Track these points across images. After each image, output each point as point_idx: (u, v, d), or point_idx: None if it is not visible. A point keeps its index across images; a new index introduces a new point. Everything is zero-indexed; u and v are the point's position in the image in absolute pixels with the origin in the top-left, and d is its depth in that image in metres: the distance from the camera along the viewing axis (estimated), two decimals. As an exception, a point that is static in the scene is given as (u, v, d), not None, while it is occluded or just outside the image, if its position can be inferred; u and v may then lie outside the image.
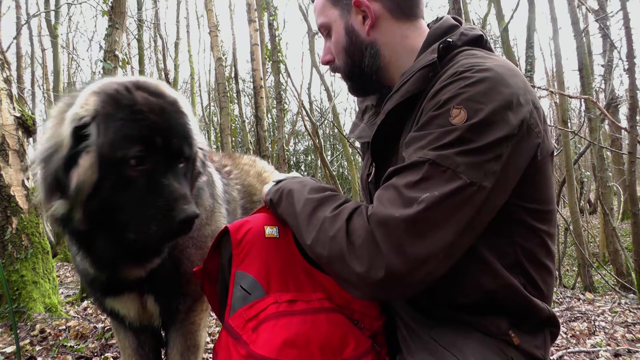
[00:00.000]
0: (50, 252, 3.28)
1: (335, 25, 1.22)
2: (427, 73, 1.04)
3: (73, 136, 1.13)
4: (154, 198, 1.13)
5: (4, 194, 3.07)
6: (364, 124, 1.33)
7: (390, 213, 0.88)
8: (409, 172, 0.92)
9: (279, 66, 8.78)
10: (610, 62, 8.11)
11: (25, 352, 2.39)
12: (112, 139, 1.11)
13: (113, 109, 1.14)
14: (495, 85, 0.92)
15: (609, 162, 10.76)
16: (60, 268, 7.27)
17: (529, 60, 7.89)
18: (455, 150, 0.89)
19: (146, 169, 1.14)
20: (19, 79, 11.26)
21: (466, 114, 0.90)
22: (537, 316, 1.04)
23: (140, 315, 1.43)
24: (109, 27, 3.96)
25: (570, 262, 10.32)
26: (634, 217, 4.27)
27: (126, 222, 1.15)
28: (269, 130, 9.94)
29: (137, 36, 11.85)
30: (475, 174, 0.88)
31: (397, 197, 0.90)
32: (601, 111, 5.94)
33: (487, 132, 0.89)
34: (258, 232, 1.15)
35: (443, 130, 0.91)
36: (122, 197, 1.14)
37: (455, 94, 0.93)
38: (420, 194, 0.88)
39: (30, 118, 3.34)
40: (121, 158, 1.11)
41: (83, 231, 1.20)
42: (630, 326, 3.13)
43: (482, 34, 1.13)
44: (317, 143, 8.05)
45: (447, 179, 0.88)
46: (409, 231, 0.87)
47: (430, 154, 0.90)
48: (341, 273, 0.95)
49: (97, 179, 1.12)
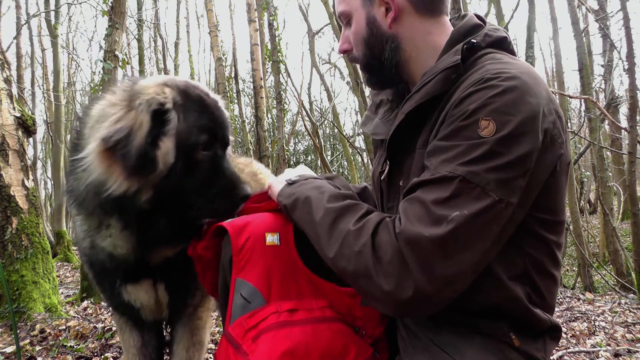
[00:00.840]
0: (50, 252, 3.28)
1: (356, 15, 1.18)
2: (449, 75, 1.02)
3: (153, 119, 1.22)
4: (218, 179, 1.30)
5: (4, 194, 3.07)
6: (379, 120, 1.30)
7: (419, 232, 0.87)
8: (437, 188, 0.90)
9: (279, 66, 8.78)
10: (610, 62, 8.11)
11: (25, 352, 2.39)
12: (189, 127, 1.26)
13: (187, 100, 1.30)
14: (523, 95, 0.90)
15: (609, 162, 10.76)
16: (60, 268, 7.28)
17: (529, 60, 7.88)
18: (485, 166, 0.87)
19: (210, 155, 1.31)
20: (19, 79, 11.25)
21: (495, 126, 0.88)
22: (538, 327, 1.04)
23: (153, 304, 1.48)
24: (109, 27, 3.96)
25: (570, 262, 10.31)
26: (634, 217, 4.27)
27: (192, 201, 1.28)
28: (269, 130, 9.93)
29: (137, 36, 11.86)
30: (503, 191, 0.87)
31: (426, 214, 0.88)
32: (601, 111, 5.94)
33: (516, 146, 0.88)
34: (258, 239, 1.13)
35: (472, 143, 0.90)
36: (190, 178, 1.27)
37: (483, 104, 0.91)
38: (449, 212, 0.86)
39: (30, 118, 3.34)
40: (193, 143, 1.26)
41: (144, 210, 1.27)
42: (630, 326, 3.13)
43: (506, 36, 1.11)
44: (317, 143, 8.05)
45: (476, 196, 0.87)
46: (438, 251, 0.86)
47: (460, 169, 0.89)
48: (367, 289, 0.94)
49: (173, 161, 1.24)
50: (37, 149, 15.20)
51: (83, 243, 1.44)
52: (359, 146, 13.76)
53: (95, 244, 1.39)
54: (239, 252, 1.12)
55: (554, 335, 1.08)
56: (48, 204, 17.42)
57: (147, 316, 1.50)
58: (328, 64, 16.25)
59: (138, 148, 1.19)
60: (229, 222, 1.19)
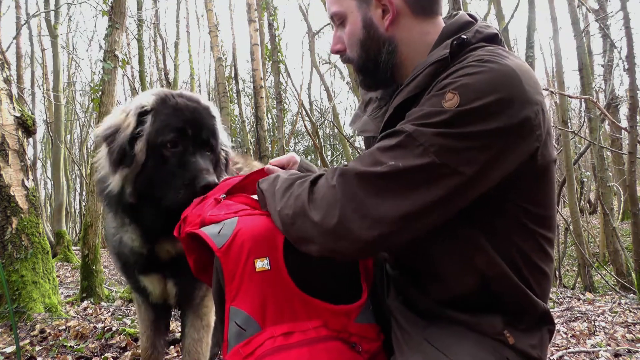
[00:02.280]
0: (50, 252, 3.28)
1: (351, 17, 1.16)
2: (437, 68, 1.02)
3: (136, 120, 1.50)
4: (183, 172, 1.47)
5: (4, 194, 3.06)
6: (367, 117, 1.30)
7: (354, 166, 0.95)
8: (388, 138, 0.96)
9: (279, 66, 8.78)
10: (610, 62, 8.11)
11: (25, 352, 2.39)
12: (157, 128, 1.49)
13: (162, 106, 1.53)
14: (503, 78, 0.90)
15: (609, 162, 10.75)
16: (60, 268, 7.27)
17: (529, 60, 7.89)
18: (436, 130, 0.89)
19: (178, 151, 1.49)
20: (19, 79, 11.24)
21: (458, 100, 0.89)
22: (532, 310, 1.03)
23: (162, 293, 1.77)
24: (109, 27, 3.96)
25: (570, 262, 10.31)
26: (634, 217, 4.27)
27: (163, 193, 1.48)
28: (269, 130, 9.93)
29: (137, 36, 11.84)
30: (450, 157, 0.88)
31: (368, 157, 0.95)
32: (601, 111, 5.94)
33: (476, 122, 0.88)
34: (248, 266, 1.11)
35: (432, 110, 0.92)
36: (160, 173, 1.49)
37: (455, 80, 0.92)
38: (388, 159, 0.91)
39: (30, 118, 3.34)
40: (160, 142, 1.48)
41: (133, 204, 1.53)
42: (630, 326, 3.13)
43: (497, 33, 1.11)
44: (317, 143, 8.05)
45: (417, 154, 0.90)
46: (365, 186, 0.91)
47: (410, 126, 0.93)
48: (301, 227, 1.00)
49: (144, 159, 1.48)
50: (37, 149, 15.21)
51: (113, 238, 1.72)
52: (359, 146, 13.76)
53: (122, 240, 1.68)
54: (231, 281, 1.11)
55: (549, 329, 1.09)
56: (48, 204, 17.42)
57: (156, 301, 1.81)
58: (328, 64, 16.24)
59: (120, 144, 1.47)
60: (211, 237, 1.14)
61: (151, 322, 1.95)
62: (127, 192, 1.51)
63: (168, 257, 1.66)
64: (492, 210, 0.98)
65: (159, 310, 1.94)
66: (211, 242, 1.13)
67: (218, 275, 1.15)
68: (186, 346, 1.86)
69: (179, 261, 1.65)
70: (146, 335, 1.95)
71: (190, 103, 1.58)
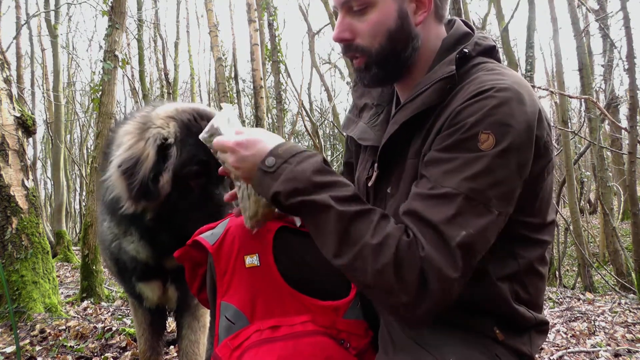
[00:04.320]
0: (50, 252, 3.28)
1: (383, 4, 1.08)
2: (444, 85, 1.02)
3: (158, 153, 1.44)
4: (206, 203, 1.49)
5: (4, 194, 3.07)
6: (365, 125, 1.29)
7: (438, 260, 0.89)
8: (442, 205, 0.91)
9: (279, 66, 8.78)
10: (610, 62, 8.12)
11: (25, 352, 2.39)
12: (183, 161, 1.45)
13: (187, 135, 1.47)
14: (518, 105, 0.93)
15: (609, 162, 10.76)
16: (60, 268, 7.27)
17: (529, 60, 7.90)
18: (486, 181, 0.90)
19: (202, 182, 1.48)
20: (19, 79, 11.23)
21: (494, 139, 0.91)
22: (523, 324, 1.05)
23: (159, 298, 1.79)
24: (109, 27, 3.96)
25: (570, 262, 10.32)
26: (634, 217, 4.27)
27: (185, 222, 1.48)
28: (269, 130, 9.93)
29: (137, 36, 11.85)
30: (503, 204, 0.92)
31: (440, 239, 0.90)
32: (601, 111, 5.94)
33: (514, 157, 0.91)
34: (238, 262, 1.15)
35: (473, 157, 0.91)
36: (184, 203, 1.49)
37: (482, 117, 0.92)
38: (458, 231, 0.89)
39: (30, 118, 3.34)
40: (185, 174, 1.46)
41: (151, 227, 1.54)
42: (630, 326, 3.13)
43: (494, 45, 1.13)
44: (317, 143, 8.05)
45: (479, 213, 0.90)
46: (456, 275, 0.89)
47: (463, 186, 0.91)
48: (384, 301, 0.96)
49: (170, 190, 1.46)
50: (37, 149, 15.19)
51: (112, 244, 1.69)
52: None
53: (122, 247, 1.65)
54: (223, 277, 1.15)
55: (541, 329, 1.10)
56: (48, 204, 17.42)
57: (150, 306, 1.82)
58: (328, 64, 16.26)
59: (141, 180, 1.41)
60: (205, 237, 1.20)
61: (148, 325, 1.95)
62: (148, 217, 1.50)
63: (174, 266, 1.66)
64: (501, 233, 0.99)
65: (155, 313, 1.95)
66: (204, 242, 1.18)
67: (212, 272, 1.19)
68: (183, 347, 1.87)
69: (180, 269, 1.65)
70: (144, 338, 1.96)
71: None
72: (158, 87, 14.45)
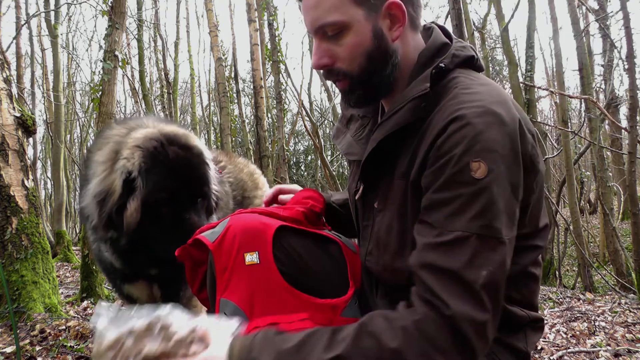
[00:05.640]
0: (50, 252, 3.28)
1: (358, 26, 1.06)
2: (419, 104, 1.01)
3: (124, 187, 1.50)
4: (176, 229, 1.53)
5: (3, 194, 3.06)
6: (351, 138, 1.29)
7: (469, 313, 0.87)
8: (457, 251, 0.90)
9: (279, 66, 8.77)
10: (610, 62, 8.11)
11: (25, 352, 2.39)
12: (151, 190, 1.50)
13: (152, 164, 1.51)
14: (500, 126, 0.93)
15: (609, 162, 10.76)
16: (60, 268, 7.27)
17: (529, 60, 7.90)
18: (492, 214, 0.90)
19: (172, 208, 1.54)
20: (19, 79, 11.22)
21: (486, 166, 0.90)
22: (516, 323, 1.06)
23: (149, 297, 1.81)
24: (109, 27, 3.95)
25: (570, 262, 10.31)
26: (634, 217, 4.27)
27: (157, 247, 1.56)
28: (269, 130, 9.93)
29: (137, 36, 11.84)
30: (510, 230, 0.93)
31: (461, 286, 0.88)
32: (601, 111, 5.94)
33: (507, 180, 0.92)
34: (238, 260, 1.15)
35: (471, 191, 0.90)
36: (156, 229, 1.54)
37: (468, 147, 0.91)
38: (479, 273, 0.88)
39: (30, 118, 3.34)
40: (154, 202, 1.51)
41: (126, 249, 1.61)
42: (630, 326, 3.13)
43: (473, 55, 1.11)
44: (317, 143, 8.04)
45: (493, 247, 0.90)
46: (490, 316, 0.89)
47: (471, 226, 0.89)
48: None
49: (140, 217, 1.51)
50: (37, 149, 15.20)
51: (93, 245, 1.76)
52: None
53: (101, 250, 1.70)
54: (222, 274, 1.16)
55: (536, 326, 1.11)
56: (48, 204, 17.42)
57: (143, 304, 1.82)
58: (328, 64, 16.19)
59: (108, 212, 1.52)
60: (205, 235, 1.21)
61: None
62: (123, 242, 1.58)
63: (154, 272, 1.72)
64: None
65: None
66: (205, 240, 1.19)
67: (212, 269, 1.19)
68: None
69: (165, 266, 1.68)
70: None
71: (182, 154, 1.57)
72: (158, 87, 14.46)
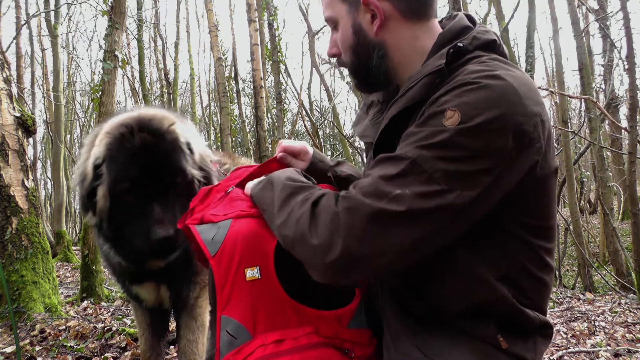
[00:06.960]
0: (50, 252, 3.28)
1: (342, 21, 1.15)
2: (433, 79, 1.00)
3: (93, 172, 1.53)
4: (140, 220, 1.48)
5: (3, 194, 3.06)
6: (369, 121, 1.30)
7: (360, 200, 0.90)
8: (390, 164, 0.93)
9: (279, 66, 8.78)
10: (610, 62, 8.11)
11: (25, 352, 2.39)
12: (114, 178, 1.48)
13: (116, 152, 1.49)
14: (501, 93, 0.89)
15: (609, 162, 10.75)
16: (60, 268, 7.27)
17: (529, 60, 7.89)
18: (438, 154, 0.88)
19: (137, 197, 1.49)
20: (19, 79, 11.23)
21: (459, 117, 0.87)
22: (527, 325, 1.03)
23: (156, 299, 1.84)
24: (109, 27, 3.96)
25: (570, 262, 10.31)
26: (634, 217, 4.27)
27: (128, 237, 1.55)
28: (269, 130, 9.93)
29: (137, 36, 11.85)
30: (454, 182, 0.87)
31: (372, 186, 0.91)
32: (601, 111, 5.94)
33: (478, 139, 0.87)
34: (239, 276, 1.12)
35: (433, 130, 0.90)
36: (123, 217, 1.53)
37: (455, 97, 0.91)
38: (394, 189, 0.88)
39: (30, 118, 3.34)
40: (118, 191, 1.49)
41: (112, 236, 1.61)
42: (630, 326, 3.13)
43: (495, 39, 1.09)
44: (317, 143, 8.05)
45: (423, 181, 0.88)
46: (373, 222, 0.88)
47: (413, 151, 0.90)
48: (302, 253, 0.97)
49: (109, 204, 1.52)
50: (37, 149, 15.19)
51: (103, 247, 1.75)
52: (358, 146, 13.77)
53: (106, 250, 1.72)
54: (222, 290, 1.12)
55: (545, 333, 1.07)
56: (48, 204, 17.42)
57: (149, 307, 1.87)
58: (328, 64, 16.23)
59: (82, 195, 1.59)
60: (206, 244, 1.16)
61: (148, 325, 1.98)
62: (105, 227, 1.59)
63: (158, 268, 1.69)
64: (489, 226, 0.97)
65: (156, 314, 1.97)
66: (205, 250, 1.15)
67: (212, 280, 1.16)
68: (182, 347, 1.89)
69: (170, 268, 1.69)
70: (144, 338, 1.99)
71: (151, 139, 1.49)
72: (158, 87, 14.47)
